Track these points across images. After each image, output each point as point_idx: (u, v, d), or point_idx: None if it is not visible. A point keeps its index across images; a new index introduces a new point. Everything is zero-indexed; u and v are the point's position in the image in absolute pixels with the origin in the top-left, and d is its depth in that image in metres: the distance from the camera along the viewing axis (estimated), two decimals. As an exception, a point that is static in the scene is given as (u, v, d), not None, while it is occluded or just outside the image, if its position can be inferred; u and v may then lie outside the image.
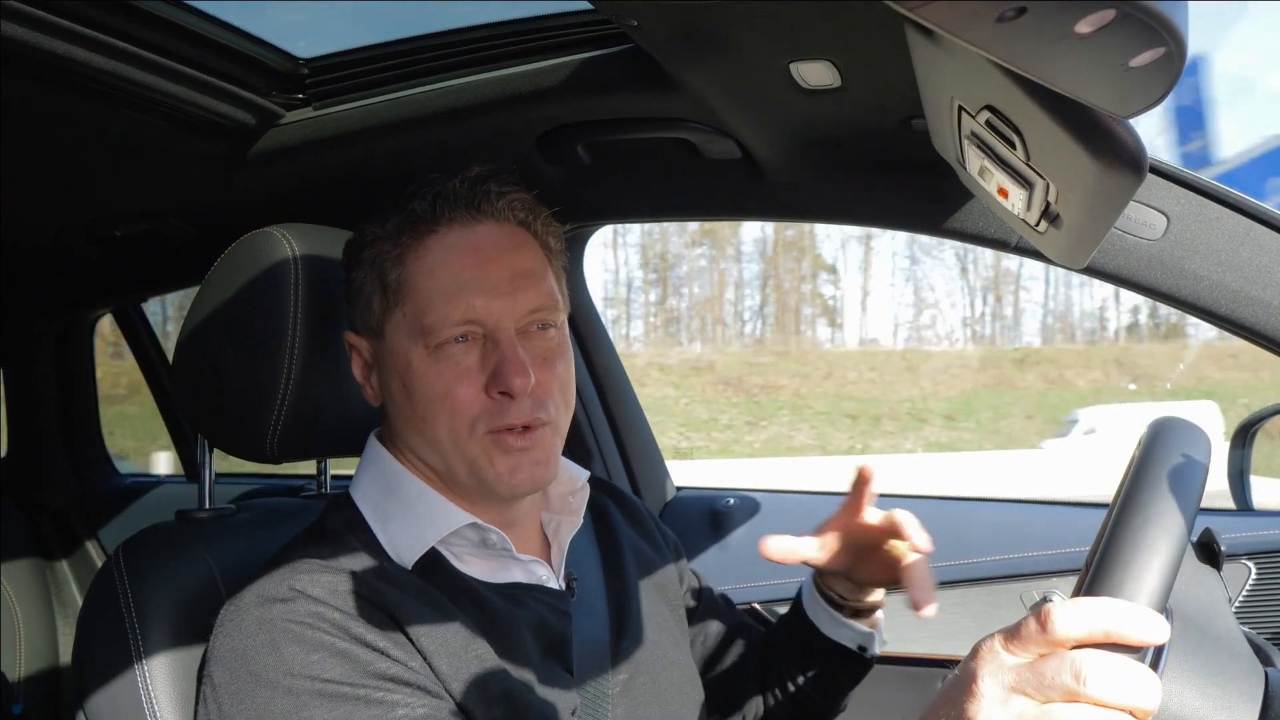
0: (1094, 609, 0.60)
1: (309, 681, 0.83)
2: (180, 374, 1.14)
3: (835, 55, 1.01)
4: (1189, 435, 0.72)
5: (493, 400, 0.95)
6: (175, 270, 1.93)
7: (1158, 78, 0.55)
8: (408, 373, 0.96)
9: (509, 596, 0.98)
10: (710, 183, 1.39)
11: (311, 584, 0.88)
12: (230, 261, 1.11)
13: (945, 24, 0.55)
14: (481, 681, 0.90)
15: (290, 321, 1.04)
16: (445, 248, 0.97)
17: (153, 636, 0.98)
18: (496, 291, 0.96)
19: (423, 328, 0.95)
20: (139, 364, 2.48)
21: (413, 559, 0.95)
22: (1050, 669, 0.59)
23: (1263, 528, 1.38)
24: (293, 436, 1.07)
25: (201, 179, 1.47)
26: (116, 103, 1.20)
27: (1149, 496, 0.66)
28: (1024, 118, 0.76)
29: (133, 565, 1.01)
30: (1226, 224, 1.13)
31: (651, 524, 1.27)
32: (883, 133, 1.20)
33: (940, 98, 0.93)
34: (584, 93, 1.22)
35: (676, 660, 1.13)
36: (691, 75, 1.10)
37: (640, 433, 1.91)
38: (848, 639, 1.17)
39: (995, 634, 0.64)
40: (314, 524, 1.01)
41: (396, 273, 0.97)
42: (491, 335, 0.96)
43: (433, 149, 1.35)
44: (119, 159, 1.43)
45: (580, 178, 1.40)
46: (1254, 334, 1.14)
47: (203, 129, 1.31)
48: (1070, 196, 0.81)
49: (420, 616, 0.90)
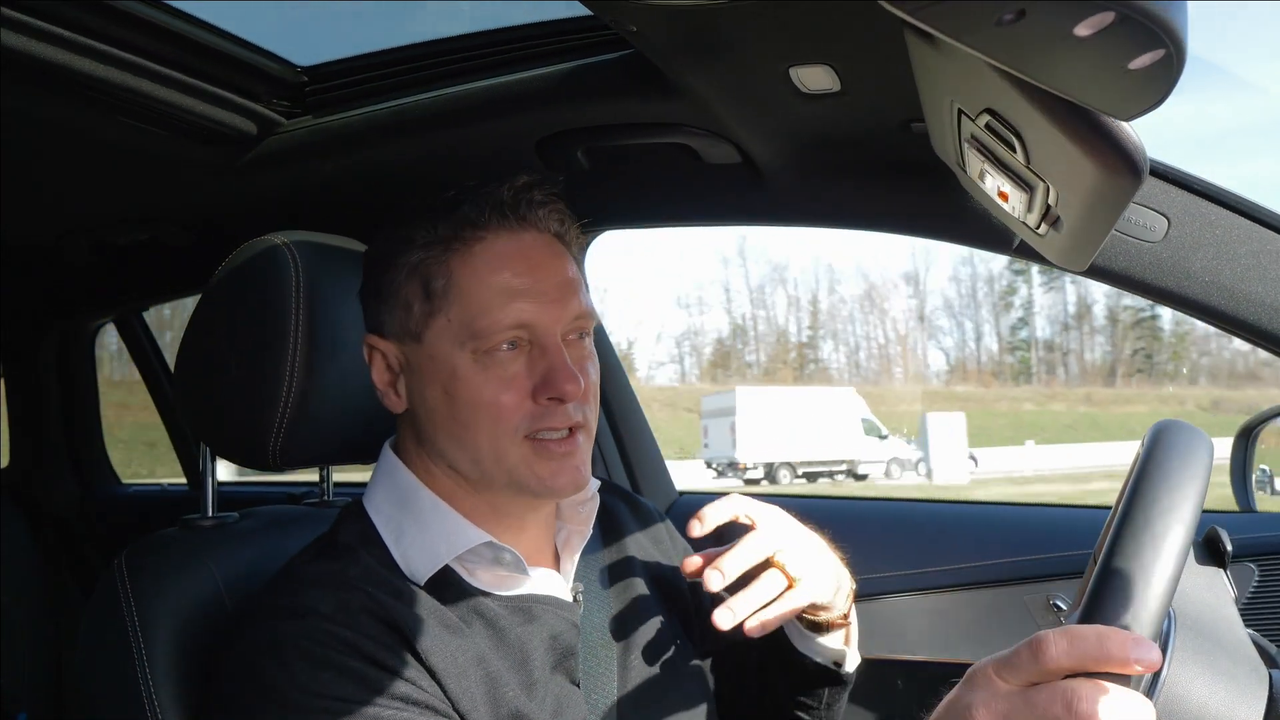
0: (1086, 637, 0.60)
1: (318, 700, 0.83)
2: (182, 381, 1.14)
3: (835, 59, 1.01)
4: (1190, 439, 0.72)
5: (539, 406, 0.95)
6: (176, 277, 1.93)
7: (1157, 80, 0.55)
8: (452, 378, 0.96)
9: (519, 610, 0.97)
10: (710, 187, 1.39)
11: (323, 600, 0.88)
12: (232, 269, 1.11)
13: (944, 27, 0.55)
14: (491, 701, 0.90)
15: (292, 328, 1.04)
16: (495, 254, 0.97)
17: (156, 644, 0.97)
18: (547, 299, 0.97)
19: (473, 333, 0.95)
20: (140, 372, 2.48)
21: (426, 575, 0.95)
22: (1043, 699, 0.60)
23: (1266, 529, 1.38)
24: (295, 444, 1.07)
25: (202, 186, 1.47)
26: (117, 111, 1.21)
27: (1147, 510, 0.66)
28: (1024, 120, 0.76)
29: (135, 573, 1.01)
30: (1227, 225, 1.13)
31: (662, 528, 1.27)
32: (882, 136, 1.20)
33: (940, 101, 0.93)
34: (583, 98, 1.22)
35: (685, 669, 1.12)
36: (691, 80, 1.10)
37: (642, 438, 1.91)
38: (820, 655, 1.16)
39: (989, 661, 0.64)
40: (325, 535, 1.01)
41: (443, 279, 0.96)
42: (539, 342, 0.96)
43: (433, 155, 1.35)
44: (120, 167, 1.43)
45: (580, 183, 1.40)
46: (1254, 334, 1.14)
47: (203, 137, 1.31)
48: (1070, 199, 0.81)
49: (431, 635, 0.89)
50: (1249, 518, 1.51)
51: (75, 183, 1.52)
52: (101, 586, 1.02)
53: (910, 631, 1.56)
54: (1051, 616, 1.41)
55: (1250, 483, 1.54)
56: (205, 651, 0.97)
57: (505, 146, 1.32)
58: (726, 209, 1.46)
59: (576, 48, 1.20)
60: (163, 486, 2.63)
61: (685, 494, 1.93)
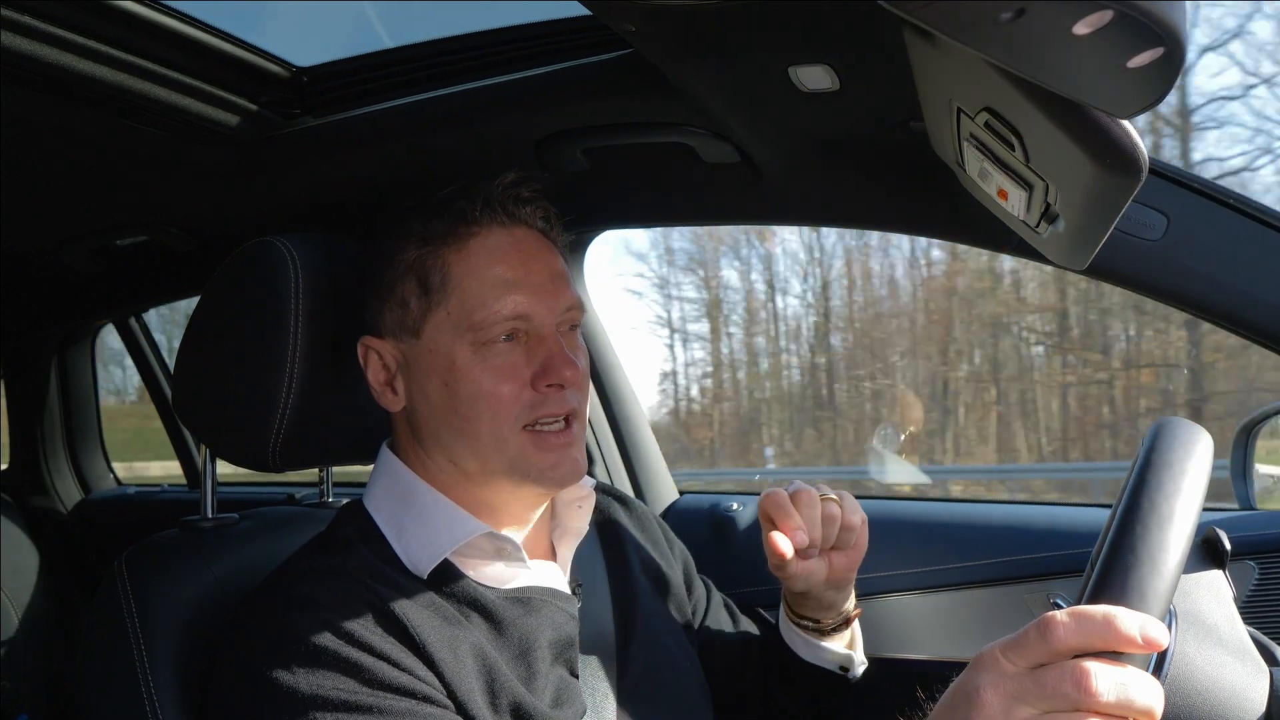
0: (1094, 617, 0.60)
1: (318, 691, 0.83)
2: (182, 383, 1.14)
3: (834, 58, 1.01)
4: (1190, 436, 0.72)
5: (537, 393, 0.98)
6: (176, 279, 1.93)
7: (1156, 78, 0.55)
8: (451, 371, 0.97)
9: (519, 602, 0.98)
10: (709, 187, 1.39)
11: (322, 593, 0.88)
12: (231, 270, 1.11)
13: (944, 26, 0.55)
14: (490, 693, 0.90)
15: (291, 330, 1.04)
16: (489, 248, 1.00)
17: (156, 645, 0.97)
18: (541, 290, 0.99)
19: (471, 324, 0.97)
20: (140, 373, 2.48)
21: (428, 568, 0.95)
22: (1051, 678, 0.60)
23: (1266, 526, 1.38)
24: (295, 445, 1.07)
25: (201, 188, 1.47)
26: (116, 112, 1.21)
27: (1151, 500, 0.66)
28: (1023, 119, 0.76)
29: (135, 575, 1.01)
30: (1226, 224, 1.13)
31: (658, 530, 1.27)
32: (882, 135, 1.20)
33: (939, 100, 0.93)
34: (582, 98, 1.22)
35: (683, 667, 1.12)
36: (690, 79, 1.10)
37: (642, 437, 1.91)
38: (826, 661, 1.17)
39: (996, 644, 0.64)
40: (324, 532, 1.01)
41: (440, 273, 0.99)
42: (535, 332, 0.99)
43: (432, 156, 1.35)
44: (119, 168, 1.43)
45: (580, 183, 1.40)
46: (1254, 333, 1.14)
47: (202, 138, 1.31)
48: (1070, 197, 0.81)
49: (430, 627, 0.90)
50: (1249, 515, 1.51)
51: (74, 184, 1.51)
52: (102, 587, 1.02)
53: (910, 630, 1.56)
54: (1052, 615, 1.41)
55: (1250, 480, 1.54)
56: (205, 652, 0.97)
57: (505, 146, 1.32)
58: (726, 208, 1.46)
59: (576, 48, 1.20)
60: (163, 487, 2.63)
61: (685, 494, 1.93)
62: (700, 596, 1.29)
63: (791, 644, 1.18)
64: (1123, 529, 0.65)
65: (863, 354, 15.06)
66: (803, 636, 1.17)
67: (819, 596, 1.12)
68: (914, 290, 15.05)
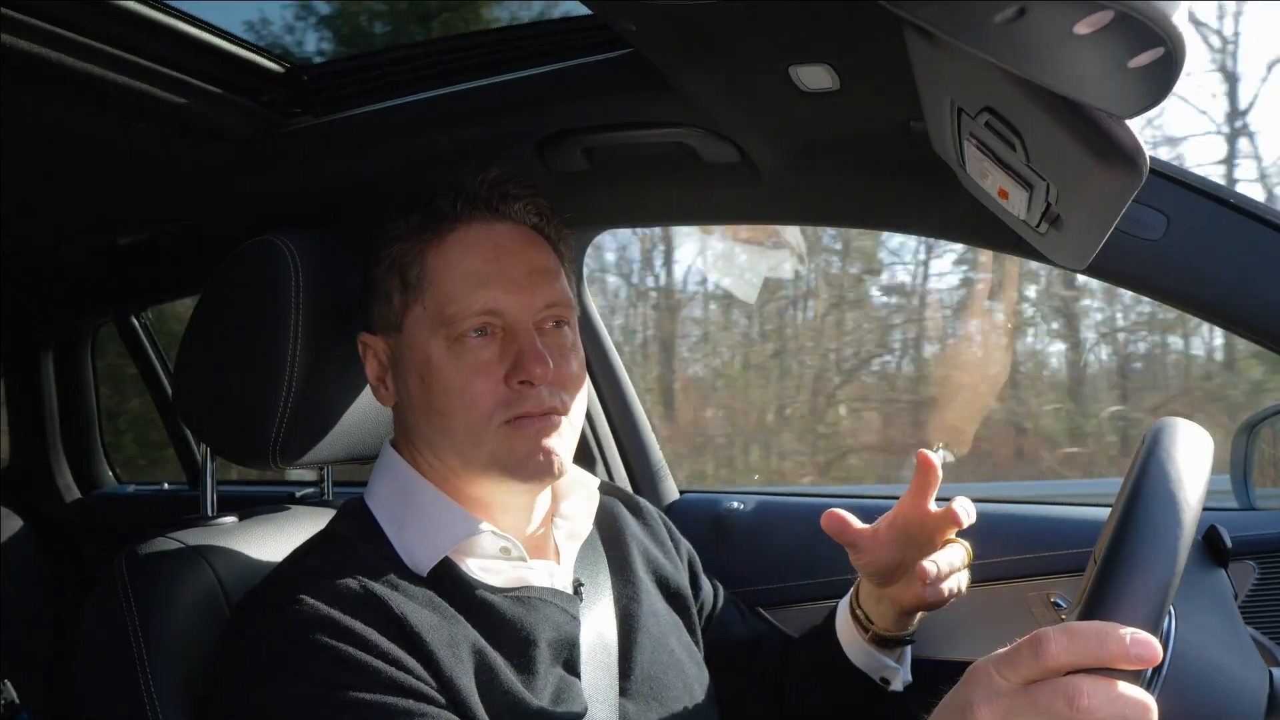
0: (1086, 634, 0.60)
1: (318, 689, 0.83)
2: (182, 381, 1.14)
3: (834, 58, 1.01)
4: (1190, 437, 0.72)
5: (512, 390, 0.97)
6: (176, 277, 1.93)
7: (1157, 78, 0.55)
8: (426, 366, 0.98)
9: (520, 601, 0.98)
10: (709, 186, 1.39)
11: (323, 591, 0.88)
12: (231, 269, 1.11)
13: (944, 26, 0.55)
14: (490, 691, 0.90)
15: (291, 328, 1.04)
16: (466, 244, 1.00)
17: (156, 644, 0.97)
18: (516, 285, 0.98)
19: (444, 319, 0.97)
20: (140, 372, 2.47)
21: (428, 566, 0.95)
22: (1044, 695, 0.60)
23: (1266, 526, 1.38)
24: (295, 443, 1.07)
25: (202, 187, 1.47)
26: (116, 111, 1.21)
27: (1147, 508, 0.66)
28: (1023, 119, 0.76)
29: (135, 573, 1.01)
30: (1226, 224, 1.13)
31: (663, 529, 1.27)
32: (882, 135, 1.20)
33: (939, 100, 0.93)
34: (583, 98, 1.22)
35: (687, 666, 1.12)
36: (690, 79, 1.10)
37: (642, 436, 1.91)
38: (871, 668, 1.17)
39: (989, 660, 0.64)
40: (325, 530, 1.01)
41: (418, 268, 0.99)
42: (510, 329, 0.98)
43: (432, 156, 1.35)
44: (119, 167, 1.43)
45: (580, 183, 1.40)
46: (1254, 333, 1.14)
47: (203, 137, 1.31)
48: (1071, 197, 0.81)
49: (431, 626, 0.90)
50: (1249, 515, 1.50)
51: (74, 183, 1.51)
52: (101, 587, 1.02)
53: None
54: (1052, 614, 1.41)
55: (1251, 480, 1.54)
56: (205, 652, 0.97)
57: (505, 146, 1.32)
58: (725, 207, 1.46)
59: (576, 47, 1.20)
60: (163, 486, 2.63)
61: (685, 494, 1.93)
62: (708, 595, 1.29)
63: (842, 637, 1.19)
64: (1118, 538, 0.65)
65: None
66: (855, 634, 1.18)
67: (903, 603, 1.14)
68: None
